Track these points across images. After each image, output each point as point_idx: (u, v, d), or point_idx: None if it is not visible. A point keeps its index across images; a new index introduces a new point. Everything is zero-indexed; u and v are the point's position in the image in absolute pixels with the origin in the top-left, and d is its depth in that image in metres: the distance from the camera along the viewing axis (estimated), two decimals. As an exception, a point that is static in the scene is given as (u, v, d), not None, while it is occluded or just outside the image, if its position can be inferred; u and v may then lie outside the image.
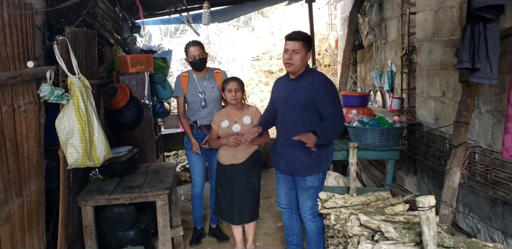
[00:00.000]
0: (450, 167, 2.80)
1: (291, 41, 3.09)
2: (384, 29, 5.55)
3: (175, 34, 13.03)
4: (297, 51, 3.07)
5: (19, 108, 2.46)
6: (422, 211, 1.91)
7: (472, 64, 2.15)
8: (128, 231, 3.44)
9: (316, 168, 3.24)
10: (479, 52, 2.08)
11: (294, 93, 3.17)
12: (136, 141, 4.56)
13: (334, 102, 3.14)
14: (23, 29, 2.48)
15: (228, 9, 7.32)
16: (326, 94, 3.09)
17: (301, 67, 3.15)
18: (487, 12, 2.01)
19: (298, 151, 3.19)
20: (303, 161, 3.19)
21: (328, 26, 10.08)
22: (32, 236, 2.68)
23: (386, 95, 5.60)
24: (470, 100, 2.71)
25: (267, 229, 4.61)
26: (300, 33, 3.18)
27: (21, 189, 2.52)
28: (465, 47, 2.15)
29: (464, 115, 2.74)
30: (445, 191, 2.83)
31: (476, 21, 2.10)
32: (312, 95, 3.09)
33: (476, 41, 2.10)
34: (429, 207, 1.88)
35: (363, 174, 5.61)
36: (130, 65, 4.40)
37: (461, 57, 2.20)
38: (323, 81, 3.15)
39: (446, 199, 2.82)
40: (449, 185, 2.82)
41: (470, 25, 2.13)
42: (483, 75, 2.16)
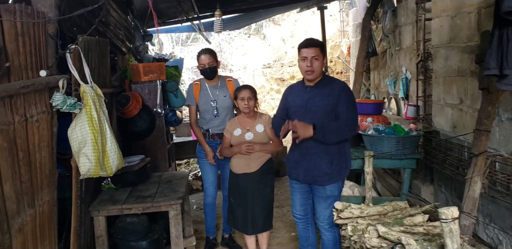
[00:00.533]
0: (471, 176, 2.71)
1: (308, 48, 3.04)
2: (398, 36, 5.48)
3: (186, 42, 13.08)
4: (317, 57, 3.03)
5: (32, 117, 2.44)
6: (445, 223, 1.83)
7: (500, 71, 2.07)
8: (140, 241, 3.40)
9: (336, 177, 3.19)
10: (508, 58, 2.00)
11: (314, 101, 3.12)
12: (148, 149, 4.54)
13: (349, 108, 3.08)
14: (36, 38, 2.47)
15: (239, 17, 7.32)
16: (345, 100, 3.06)
17: (320, 74, 3.13)
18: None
19: (318, 160, 3.14)
20: (324, 170, 3.13)
21: (340, 33, 10.05)
22: (44, 247, 2.64)
23: (401, 103, 5.52)
24: (490, 108, 2.64)
25: (281, 239, 4.54)
26: (315, 40, 3.16)
27: (34, 200, 2.48)
28: (492, 53, 2.07)
29: (485, 123, 2.66)
30: (466, 201, 2.75)
31: (504, 25, 2.02)
32: (333, 102, 3.06)
33: (504, 47, 2.03)
34: (452, 219, 1.81)
35: (378, 183, 5.52)
36: (142, 74, 4.38)
37: (487, 64, 2.11)
38: (342, 87, 3.13)
39: (467, 209, 2.74)
40: (469, 195, 2.73)
41: (498, 29, 2.05)
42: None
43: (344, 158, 3.22)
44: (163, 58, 5.42)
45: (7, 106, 2.21)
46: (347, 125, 3.04)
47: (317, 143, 3.10)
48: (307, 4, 7.57)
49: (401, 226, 2.65)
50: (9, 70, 2.23)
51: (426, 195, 4.48)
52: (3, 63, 2.12)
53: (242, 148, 3.53)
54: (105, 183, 3.69)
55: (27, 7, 2.36)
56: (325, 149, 3.12)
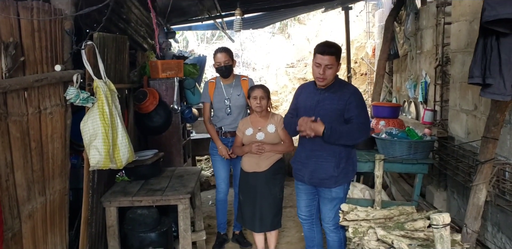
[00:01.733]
0: (476, 184, 2.69)
1: (324, 55, 2.95)
2: (419, 39, 5.42)
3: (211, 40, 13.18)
4: (331, 66, 2.97)
5: (45, 110, 2.55)
6: (436, 228, 1.84)
7: (483, 80, 2.05)
8: (149, 233, 3.48)
9: (343, 179, 3.19)
10: (490, 67, 1.98)
11: (323, 104, 3.10)
12: (164, 144, 4.63)
13: (361, 113, 3.06)
14: (52, 34, 2.57)
15: (263, 16, 7.36)
16: (356, 105, 3.04)
17: (332, 80, 3.09)
18: (500, 26, 1.92)
19: (324, 162, 3.14)
20: (330, 173, 3.13)
21: (365, 34, 9.95)
22: (54, 234, 2.76)
23: (420, 107, 5.46)
24: (499, 115, 2.60)
25: (290, 238, 4.57)
26: (332, 46, 3.04)
27: (44, 188, 2.60)
28: (476, 61, 2.06)
29: (492, 130, 2.63)
30: (470, 208, 2.72)
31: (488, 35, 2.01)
32: (342, 107, 3.03)
33: (488, 56, 2.01)
34: (443, 225, 1.82)
35: (393, 186, 5.48)
36: (160, 71, 4.47)
37: (472, 72, 2.11)
38: (353, 92, 3.10)
39: (471, 217, 2.71)
40: (474, 202, 2.71)
41: (482, 39, 2.04)
42: (496, 91, 2.07)
43: (351, 161, 3.22)
44: (183, 55, 5.50)
45: (21, 99, 2.32)
46: (359, 129, 3.02)
47: (323, 146, 3.10)
48: (331, 4, 7.54)
49: (402, 230, 2.65)
50: (24, 64, 2.33)
51: (439, 201, 4.43)
52: (18, 57, 2.22)
53: (253, 148, 3.57)
54: (119, 175, 3.80)
55: (44, 4, 2.46)
56: (332, 152, 3.11)
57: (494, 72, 2.02)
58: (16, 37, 2.27)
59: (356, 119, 3.02)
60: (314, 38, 11.53)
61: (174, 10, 5.83)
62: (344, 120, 3.06)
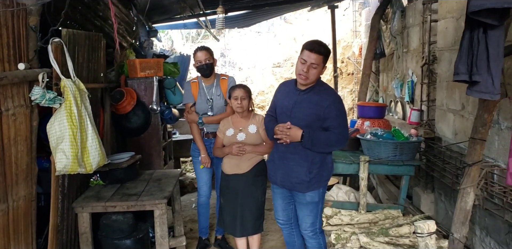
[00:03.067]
0: (463, 187, 2.57)
1: (312, 53, 2.80)
2: (406, 37, 5.33)
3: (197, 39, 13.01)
4: (316, 65, 2.82)
5: (7, 111, 2.39)
6: (421, 237, 1.72)
7: (469, 77, 1.92)
8: (124, 239, 3.35)
9: (316, 184, 3.03)
10: (477, 63, 1.85)
11: (300, 107, 2.96)
12: (143, 146, 4.49)
13: (341, 123, 2.94)
14: (15, 30, 2.41)
15: (248, 15, 7.23)
16: (336, 114, 2.91)
17: (313, 82, 2.95)
18: (487, 17, 1.78)
19: (296, 166, 3.00)
20: (302, 177, 2.99)
21: (352, 33, 9.87)
22: (18, 243, 2.61)
23: (406, 107, 5.37)
24: (487, 116, 2.49)
25: (275, 242, 4.45)
26: (323, 46, 2.88)
27: (6, 195, 2.43)
28: (462, 56, 1.92)
29: (480, 131, 2.51)
30: (457, 213, 2.60)
31: (475, 27, 1.87)
32: (319, 112, 2.90)
33: (474, 51, 1.87)
34: (428, 234, 1.69)
35: (380, 188, 5.38)
36: (139, 70, 4.32)
37: (457, 68, 1.97)
38: (333, 101, 2.94)
39: (458, 222, 2.59)
40: (461, 206, 2.59)
41: (468, 32, 1.90)
42: (484, 89, 1.93)
43: (325, 167, 3.07)
44: (164, 54, 5.35)
45: (-23, 99, 2.16)
46: (337, 139, 2.91)
47: (296, 149, 2.96)
48: (317, 3, 7.44)
49: (386, 236, 2.54)
50: (-19, 62, 2.17)
51: (426, 204, 4.33)
52: (-27, 54, 2.06)
53: (233, 149, 3.44)
54: (93, 179, 3.64)
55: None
56: (304, 156, 2.97)
57: (481, 68, 1.88)
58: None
59: (335, 129, 2.90)
60: (301, 38, 11.41)
61: (156, 8, 5.68)
62: (323, 128, 2.93)
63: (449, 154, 3.64)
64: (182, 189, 6.51)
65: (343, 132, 2.95)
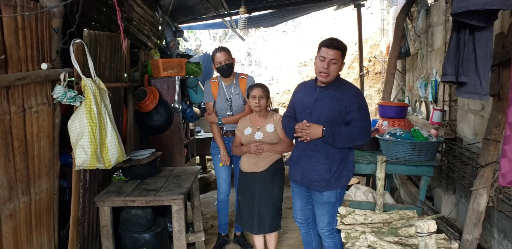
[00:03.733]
0: (476, 188, 2.55)
1: (330, 49, 2.85)
2: (430, 36, 5.25)
3: (224, 39, 13.10)
4: (335, 61, 2.86)
5: (30, 108, 2.51)
6: (421, 237, 1.73)
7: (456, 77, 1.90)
8: (143, 233, 3.45)
9: (335, 183, 3.05)
10: (463, 64, 1.83)
11: (322, 103, 2.98)
12: (165, 144, 4.60)
13: (362, 116, 2.93)
14: (38, 32, 2.53)
15: (273, 14, 7.26)
16: (357, 107, 2.91)
17: (334, 78, 2.97)
18: (473, 19, 1.77)
19: (317, 163, 3.03)
20: (322, 175, 3.01)
21: (380, 32, 9.76)
22: (41, 234, 2.72)
23: (430, 107, 5.30)
24: (500, 116, 2.45)
25: (293, 240, 4.48)
26: (340, 42, 2.93)
27: (29, 187, 2.56)
28: (449, 58, 1.90)
29: (494, 132, 2.49)
30: (469, 214, 2.58)
31: (462, 29, 1.85)
32: (341, 107, 2.91)
33: (461, 52, 1.86)
34: (428, 233, 1.70)
35: (401, 189, 5.34)
36: (162, 69, 4.43)
37: (444, 69, 1.96)
38: (355, 94, 2.96)
39: (470, 223, 2.58)
40: (473, 208, 2.57)
41: (456, 33, 1.88)
42: (472, 90, 1.92)
43: (346, 166, 3.07)
44: (187, 54, 5.45)
45: (2, 97, 2.28)
46: (360, 133, 2.90)
47: (317, 146, 3.00)
48: (343, 2, 7.40)
49: (396, 236, 2.54)
50: (6, 63, 2.29)
51: (447, 205, 4.28)
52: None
53: (251, 148, 3.50)
54: (116, 175, 3.76)
55: (29, 2, 2.42)
56: (325, 153, 3.00)
57: (468, 69, 1.86)
58: (-3, 36, 2.23)
59: (357, 122, 2.90)
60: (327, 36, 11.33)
61: (181, 9, 5.79)
62: (344, 123, 2.94)
63: (468, 155, 3.58)
64: (206, 186, 6.63)
65: (365, 125, 2.94)
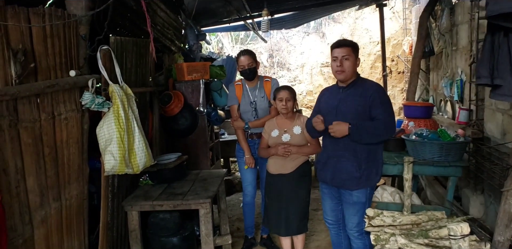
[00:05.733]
0: (507, 189, 2.50)
1: (339, 48, 2.99)
2: (454, 35, 5.17)
3: (246, 41, 13.13)
4: (347, 57, 2.96)
5: (60, 115, 2.56)
6: (454, 240, 1.71)
7: (491, 80, 1.86)
8: (171, 237, 3.48)
9: (365, 182, 3.08)
10: (498, 67, 1.79)
11: (346, 102, 3.05)
12: (190, 147, 4.63)
13: (386, 110, 2.97)
14: (66, 40, 2.58)
15: (294, 16, 7.25)
16: (380, 101, 2.96)
17: (352, 75, 3.04)
18: (507, 21, 1.73)
19: (346, 162, 3.06)
20: (352, 173, 3.04)
21: (402, 31, 9.64)
22: (71, 239, 2.78)
23: (456, 106, 5.20)
24: (532, 116, 2.41)
25: (320, 242, 4.46)
26: (347, 40, 3.10)
27: (60, 193, 2.61)
28: (484, 60, 1.87)
29: (525, 132, 2.44)
30: (501, 215, 2.53)
31: (496, 31, 1.82)
32: (365, 103, 2.97)
33: (496, 54, 1.82)
34: (462, 236, 1.68)
35: (428, 189, 5.25)
36: (186, 73, 4.46)
37: (478, 72, 1.92)
38: (376, 89, 3.04)
39: (502, 224, 2.52)
40: (505, 209, 2.51)
41: (490, 35, 1.85)
42: (507, 92, 1.87)
43: (375, 163, 3.10)
44: (210, 57, 5.48)
45: (33, 105, 2.34)
46: (385, 126, 2.94)
47: (345, 145, 3.03)
48: (365, 1, 7.34)
49: (426, 238, 2.50)
50: (36, 71, 2.35)
51: (475, 205, 4.19)
52: (28, 64, 2.24)
53: (279, 150, 3.50)
54: (143, 179, 3.81)
55: (56, 10, 2.47)
56: (353, 152, 3.03)
57: (503, 72, 1.83)
58: (27, 44, 2.28)
59: (381, 116, 2.94)
60: (350, 37, 11.26)
61: (203, 12, 5.84)
62: (370, 119, 2.98)
63: (497, 155, 3.51)
64: (231, 188, 6.65)
65: (389, 119, 2.98)
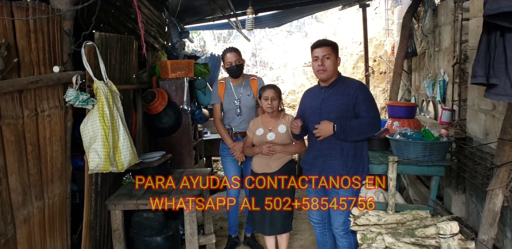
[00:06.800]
0: (492, 188, 2.54)
1: (319, 48, 3.02)
2: (437, 36, 5.23)
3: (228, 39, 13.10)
4: (328, 56, 2.99)
5: (43, 112, 2.50)
6: (443, 238, 1.71)
7: (487, 79, 1.89)
8: (155, 236, 3.44)
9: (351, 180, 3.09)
10: (494, 66, 1.82)
11: (328, 101, 3.07)
12: (174, 145, 4.58)
13: (369, 107, 3.00)
14: (50, 35, 2.52)
15: (278, 14, 7.25)
16: (363, 99, 2.99)
17: (333, 74, 3.07)
18: (504, 20, 1.76)
19: (333, 161, 3.07)
20: (339, 171, 3.06)
21: (385, 31, 9.74)
22: (54, 238, 2.71)
23: (438, 106, 5.27)
24: (516, 116, 2.45)
25: (304, 241, 4.47)
26: (327, 40, 3.15)
27: (42, 192, 2.55)
28: (479, 59, 1.89)
29: (509, 132, 2.47)
30: (485, 214, 2.57)
31: (492, 30, 1.85)
32: (348, 101, 2.99)
33: (491, 54, 1.85)
34: (451, 235, 1.69)
35: (410, 189, 5.31)
36: (170, 71, 4.42)
37: (474, 71, 1.95)
38: (359, 86, 3.06)
39: (486, 223, 2.56)
40: (489, 208, 2.55)
41: (486, 35, 1.88)
42: (502, 91, 1.90)
43: (360, 161, 3.12)
44: (194, 55, 5.44)
45: (15, 101, 2.27)
46: (369, 123, 2.97)
47: (331, 144, 3.04)
48: (348, 2, 7.38)
49: (412, 237, 2.52)
50: (19, 66, 2.28)
51: (457, 204, 4.26)
52: (11, 59, 2.17)
53: (264, 149, 3.49)
54: (126, 178, 3.75)
55: (40, 4, 2.41)
56: (340, 150, 3.05)
57: (498, 71, 1.86)
58: (10, 38, 2.21)
59: (365, 113, 2.96)
60: (332, 37, 11.30)
61: (187, 10, 5.78)
62: (354, 117, 3.00)
63: (480, 154, 3.56)
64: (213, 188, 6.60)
65: (374, 115, 3.00)
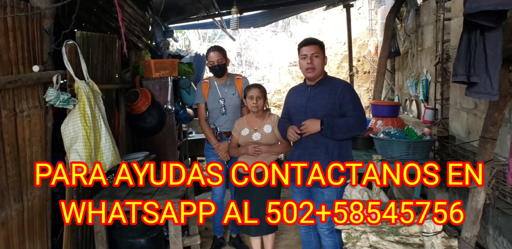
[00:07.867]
0: (474, 186, 2.56)
1: (307, 46, 3.02)
2: (420, 36, 5.28)
3: (213, 39, 13.07)
4: (316, 54, 3.00)
5: (22, 112, 2.45)
6: (427, 237, 1.72)
7: (467, 78, 1.91)
8: (138, 238, 3.38)
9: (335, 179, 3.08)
10: (475, 65, 1.84)
11: (315, 100, 3.06)
12: (158, 146, 4.54)
13: (356, 106, 3.02)
14: (29, 33, 2.47)
15: (263, 14, 7.25)
16: (350, 99, 3.00)
17: (321, 72, 3.08)
18: (484, 19, 1.78)
19: (318, 160, 3.06)
20: (324, 170, 3.05)
21: (368, 31, 9.80)
22: (33, 241, 2.67)
23: (421, 105, 5.32)
24: (497, 115, 2.47)
25: (289, 241, 4.46)
26: (315, 38, 3.15)
27: (21, 194, 2.50)
28: (460, 58, 1.92)
29: (491, 130, 2.50)
30: (468, 212, 2.60)
31: (472, 29, 1.87)
32: (334, 100, 3.00)
33: (472, 52, 1.87)
34: (434, 233, 1.69)
35: (394, 187, 5.35)
36: (153, 70, 4.37)
37: (455, 70, 1.97)
38: (345, 86, 3.07)
39: (469, 221, 2.58)
40: (472, 205, 2.58)
41: (466, 34, 1.90)
42: (482, 90, 1.93)
43: (345, 160, 3.12)
44: (179, 54, 5.40)
45: (-7, 101, 2.22)
46: (356, 122, 2.98)
47: (316, 143, 3.04)
48: (332, 2, 7.41)
49: (396, 235, 2.52)
50: (-4, 65, 2.24)
51: (440, 202, 4.30)
52: (-12, 58, 2.13)
53: (249, 149, 3.47)
54: (109, 179, 3.69)
55: (19, 2, 2.36)
56: (325, 150, 3.05)
57: (479, 70, 1.88)
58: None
59: (352, 112, 2.98)
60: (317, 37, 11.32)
61: (171, 9, 5.74)
62: (339, 116, 3.01)
63: (462, 152, 3.60)
64: (199, 188, 6.57)
65: (361, 115, 3.02)
